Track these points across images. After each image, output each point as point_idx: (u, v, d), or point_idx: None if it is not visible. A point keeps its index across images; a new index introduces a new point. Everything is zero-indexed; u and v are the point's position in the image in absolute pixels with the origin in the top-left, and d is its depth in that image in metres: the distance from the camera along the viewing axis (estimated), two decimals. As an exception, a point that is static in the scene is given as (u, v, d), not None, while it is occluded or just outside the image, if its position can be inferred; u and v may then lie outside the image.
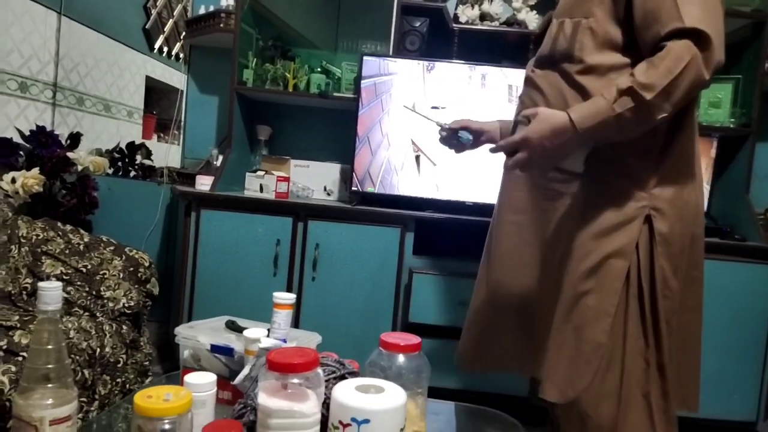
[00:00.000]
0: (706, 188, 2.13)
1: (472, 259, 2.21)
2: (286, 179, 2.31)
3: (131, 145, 2.68)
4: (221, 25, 2.45)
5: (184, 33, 2.70)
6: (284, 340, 1.06)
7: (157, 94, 3.44)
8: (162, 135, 3.41)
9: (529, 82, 1.32)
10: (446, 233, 2.39)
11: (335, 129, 2.61)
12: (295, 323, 2.19)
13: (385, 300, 2.18)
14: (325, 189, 2.58)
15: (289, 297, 1.08)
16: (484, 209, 2.25)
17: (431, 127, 1.60)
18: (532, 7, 2.40)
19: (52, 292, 0.72)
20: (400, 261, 2.18)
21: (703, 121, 2.31)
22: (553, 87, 1.21)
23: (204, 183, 2.29)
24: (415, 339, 1.01)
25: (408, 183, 2.30)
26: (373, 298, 2.19)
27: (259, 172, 2.31)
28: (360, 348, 2.19)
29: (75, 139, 2.33)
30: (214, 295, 2.20)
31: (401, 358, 0.99)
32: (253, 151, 2.64)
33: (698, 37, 1.00)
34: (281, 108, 2.67)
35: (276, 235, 2.19)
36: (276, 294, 1.08)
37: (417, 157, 2.30)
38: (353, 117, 2.30)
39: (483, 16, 2.42)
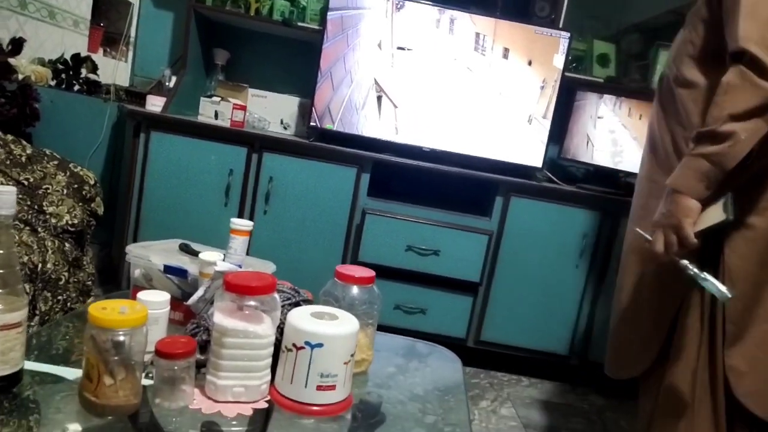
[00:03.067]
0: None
1: (424, 204, 2.26)
2: (243, 108, 2.24)
3: (76, 58, 2.51)
4: (181, -64, 2.29)
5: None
6: (239, 266, 1.06)
7: (105, 4, 3.21)
8: (109, 50, 3.21)
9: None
10: (402, 177, 2.41)
11: (297, 61, 2.54)
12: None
13: (336, 238, 2.20)
14: (281, 122, 2.52)
15: (247, 224, 1.07)
16: (441, 157, 2.28)
17: (396, 67, 1.54)
18: (506, -45, 2.36)
19: (4, 196, 0.69)
20: (354, 201, 2.19)
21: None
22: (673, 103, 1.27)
23: (155, 104, 2.20)
24: (369, 272, 1.04)
25: (368, 123, 2.29)
26: (325, 235, 2.20)
27: (215, 98, 2.23)
28: (310, 283, 2.21)
29: (17, 45, 2.16)
30: (161, 221, 2.15)
31: (355, 289, 1.02)
32: (209, 75, 2.53)
33: (747, 59, 1.04)
34: (242, 32, 2.56)
35: (229, 164, 2.14)
36: (234, 220, 1.07)
37: (379, 98, 2.28)
38: (317, 49, 2.24)
39: (457, -41, 2.36)
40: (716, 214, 1.10)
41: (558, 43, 2.25)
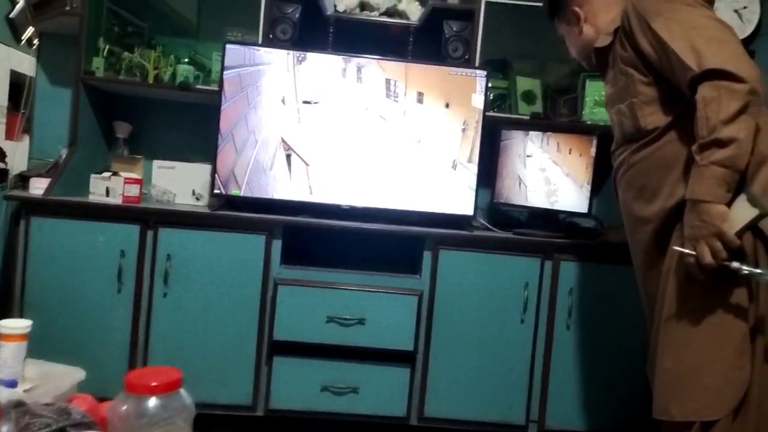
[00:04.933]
0: (587, 188, 2.04)
1: (345, 267, 2.04)
2: (138, 181, 2.04)
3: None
4: (67, 8, 2.16)
5: (30, 16, 2.38)
6: (14, 382, 0.82)
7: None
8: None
9: (624, 163, 1.44)
10: (319, 240, 2.20)
11: (202, 126, 2.36)
12: (145, 346, 1.93)
13: (248, 316, 1.96)
14: (193, 193, 2.32)
15: (20, 325, 0.84)
16: (361, 214, 2.08)
17: (303, 122, 1.37)
18: (412, -3, 2.25)
19: None
20: (266, 272, 1.96)
21: (587, 120, 2.23)
22: (646, 161, 1.36)
23: (38, 187, 1.99)
24: (172, 375, 0.80)
25: (278, 185, 2.09)
26: (235, 314, 1.95)
27: (105, 174, 2.03)
28: (222, 371, 1.96)
29: None
30: (48, 314, 1.89)
31: (153, 402, 0.78)
32: (112, 150, 2.34)
33: (714, 74, 1.16)
34: (143, 102, 2.40)
35: (120, 245, 1.92)
36: (1, 322, 0.84)
37: (288, 156, 2.09)
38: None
39: (362, 6, 2.25)
40: (746, 211, 1.16)
41: (475, 82, 2.10)
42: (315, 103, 2.09)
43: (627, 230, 1.48)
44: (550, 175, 2.12)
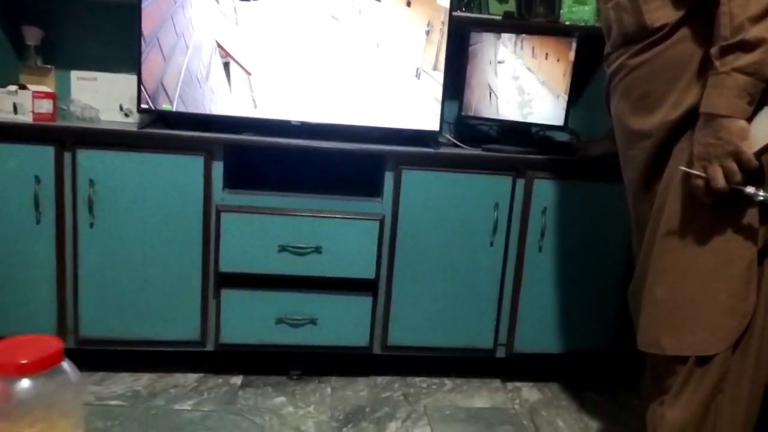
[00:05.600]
0: (564, 98, 1.84)
1: (298, 191, 1.84)
2: (49, 95, 1.75)
3: None
4: None
5: None
6: None
7: None
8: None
9: (622, 69, 1.23)
10: (267, 161, 1.97)
11: (128, 31, 2.03)
12: (74, 281, 1.72)
13: (190, 246, 1.76)
14: (121, 108, 2.03)
15: None
16: (314, 130, 1.85)
17: (242, 23, 1.11)
18: None
19: None
20: (207, 198, 1.74)
21: (566, 20, 2.00)
22: (650, 65, 1.16)
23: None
24: (50, 345, 0.61)
25: (216, 98, 1.83)
26: (176, 244, 1.75)
27: (11, 87, 1.73)
28: (165, 306, 1.78)
29: None
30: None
31: (25, 383, 0.59)
32: (22, 61, 2.01)
33: None
34: (57, 4, 2.04)
35: (33, 169, 1.66)
36: None
37: (226, 65, 1.82)
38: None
39: None
40: None
41: (440, -25, 1.83)
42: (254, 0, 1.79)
43: (620, 146, 1.30)
44: (523, 84, 1.90)
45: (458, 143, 2.00)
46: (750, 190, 1.02)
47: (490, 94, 1.96)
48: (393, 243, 1.83)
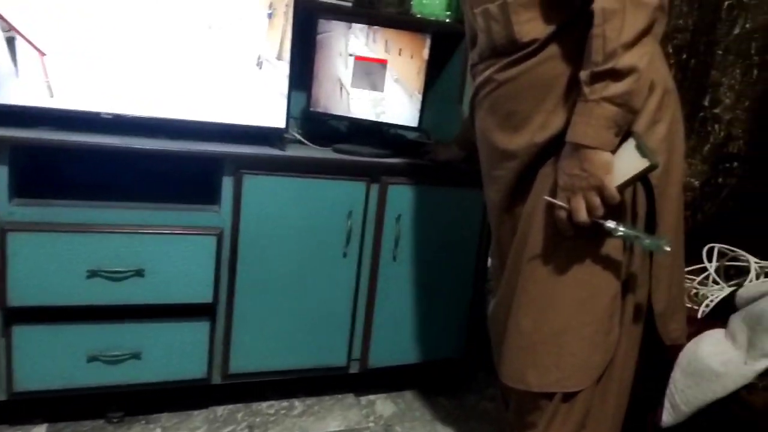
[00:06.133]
0: (418, 97, 1.74)
1: (114, 200, 1.52)
2: None
3: None
4: None
5: None
6: None
7: None
8: None
9: (489, 82, 1.12)
10: (73, 165, 1.61)
11: None
12: None
13: (-37, 276, 1.35)
14: None
15: None
16: (132, 125, 1.53)
17: None
18: None
19: None
20: (-14, 213, 1.35)
21: (416, 12, 1.88)
22: (518, 81, 1.08)
23: None
24: None
25: (-4, 83, 1.42)
26: (-62, 275, 1.34)
27: None
28: None
29: None
30: None
31: None
32: None
33: None
34: None
35: None
36: None
37: (10, 41, 1.41)
38: None
39: None
40: (634, 161, 0.96)
41: (283, -49, 1.59)
42: (46, -41, 1.40)
43: (484, 163, 1.22)
44: (376, 80, 1.76)
45: (306, 141, 1.81)
46: (610, 224, 0.99)
47: (341, 88, 1.79)
48: (233, 259, 1.59)
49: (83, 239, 1.41)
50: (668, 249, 0.98)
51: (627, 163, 0.97)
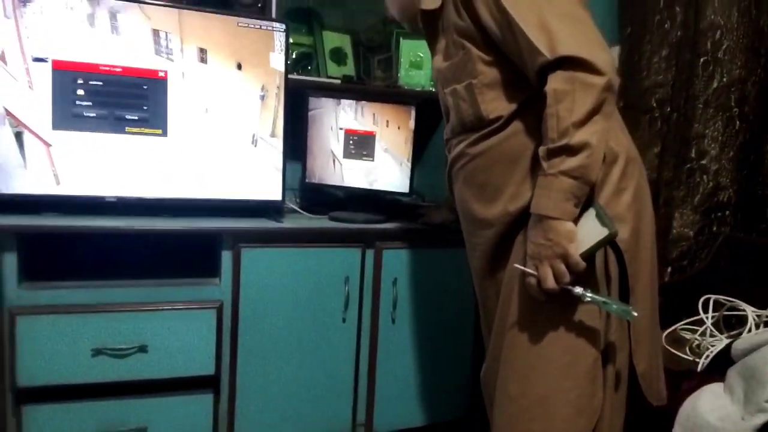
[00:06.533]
0: (407, 165, 1.81)
1: (117, 278, 1.58)
2: None
3: None
4: None
5: None
6: None
7: None
8: None
9: (462, 156, 1.20)
10: (76, 245, 1.69)
11: None
12: None
13: (-27, 361, 1.41)
14: None
15: None
16: (135, 206, 1.61)
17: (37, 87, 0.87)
18: None
19: None
20: (-4, 298, 1.42)
21: (404, 84, 1.98)
22: (487, 155, 1.14)
23: None
24: None
25: (8, 176, 1.51)
26: (-49, 361, 1.39)
27: None
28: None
29: None
30: None
31: None
32: None
33: (568, 62, 0.97)
34: None
35: None
36: None
37: (18, 135, 1.52)
38: None
39: (116, -72, 1.68)
40: (595, 230, 1.01)
41: (272, 38, 1.70)
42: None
43: (465, 231, 1.27)
44: (367, 151, 1.84)
45: (302, 211, 1.87)
46: (578, 290, 1.02)
47: (333, 160, 1.87)
48: (234, 331, 1.63)
49: (88, 319, 1.47)
50: (635, 315, 1.01)
51: (589, 231, 1.01)
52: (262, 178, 1.74)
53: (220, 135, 1.69)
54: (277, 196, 1.77)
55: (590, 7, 1.07)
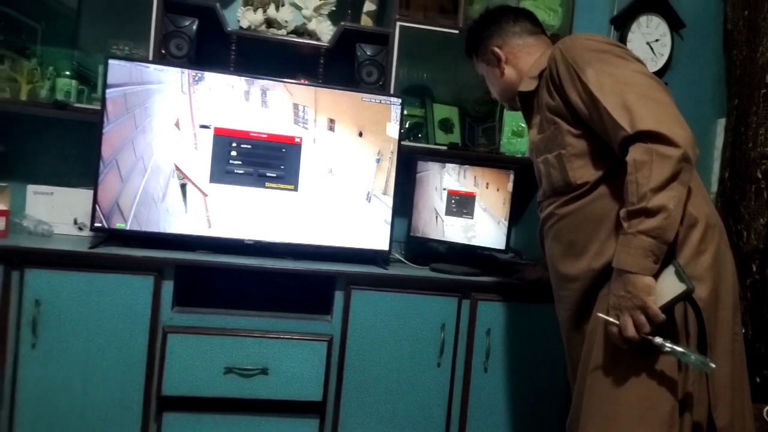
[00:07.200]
0: (504, 224, 1.96)
1: (248, 309, 1.85)
2: (3, 213, 1.76)
3: None
4: None
5: None
6: None
7: None
8: None
9: (552, 216, 1.36)
10: (219, 280, 2.00)
11: (86, 146, 2.09)
12: (11, 407, 1.66)
13: (133, 370, 1.72)
14: (75, 222, 2.05)
15: None
16: (267, 249, 1.90)
17: (201, 148, 1.18)
18: (324, 16, 2.10)
19: None
20: (155, 318, 1.73)
21: (505, 150, 2.17)
22: (575, 216, 1.29)
23: None
24: None
25: (171, 218, 1.87)
26: (118, 367, 1.71)
27: (-37, 205, 1.74)
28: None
29: None
30: None
31: None
32: (-21, 174, 2.03)
33: (646, 136, 1.09)
34: (17, 120, 2.10)
35: (-24, 289, 1.64)
36: None
37: (183, 186, 1.88)
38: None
39: (269, 23, 2.07)
40: (674, 285, 1.11)
41: (390, 110, 1.98)
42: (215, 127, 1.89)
43: (553, 285, 1.40)
44: (467, 210, 2.02)
45: (406, 261, 2.08)
46: (658, 340, 1.11)
47: (436, 217, 2.07)
48: (341, 363, 1.83)
49: (223, 341, 1.74)
50: (713, 366, 1.08)
51: (668, 286, 1.11)
52: (373, 230, 1.98)
53: (340, 191, 1.96)
54: (384, 246, 1.99)
55: (699, 81, 1.21)
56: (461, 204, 2.03)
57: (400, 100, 1.98)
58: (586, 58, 1.23)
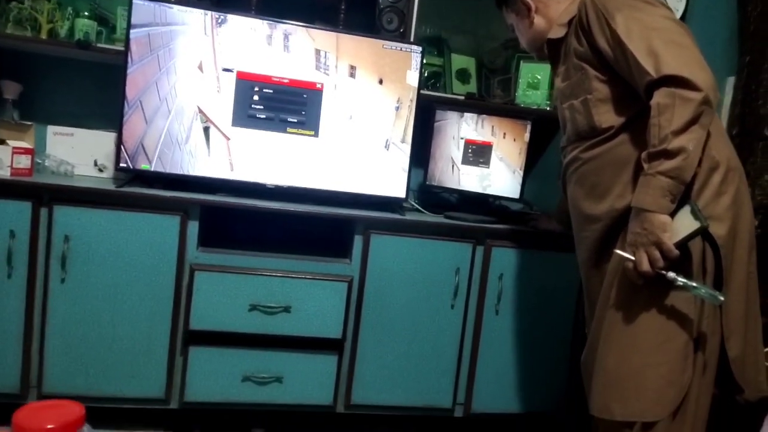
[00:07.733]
0: (520, 174, 2.02)
1: (270, 251, 1.91)
2: (28, 151, 1.78)
3: None
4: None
5: None
6: None
7: None
8: None
9: (576, 160, 1.41)
10: (241, 222, 2.05)
11: (106, 88, 2.10)
12: (41, 337, 1.72)
13: (161, 305, 1.78)
14: (96, 164, 2.08)
15: None
16: (288, 194, 1.95)
17: (223, 91, 1.21)
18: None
19: None
20: (181, 256, 1.79)
21: (520, 102, 2.20)
22: (599, 160, 1.34)
23: None
24: (72, 411, 0.67)
25: (195, 160, 1.90)
26: (145, 302, 1.77)
27: (-11, 142, 1.76)
28: (131, 363, 1.79)
29: None
30: None
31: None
32: (0, 114, 2.04)
33: (670, 80, 1.14)
34: (35, 59, 2.10)
35: (8, 224, 1.67)
36: None
37: (206, 129, 1.91)
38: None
39: (290, -34, 2.06)
40: (688, 223, 1.17)
41: (410, 58, 2.00)
42: (237, 71, 1.90)
43: (574, 227, 1.46)
44: (484, 159, 2.07)
45: (422, 209, 2.13)
46: (671, 275, 1.17)
47: (453, 166, 2.12)
48: (359, 304, 1.91)
49: (248, 279, 1.80)
50: (722, 299, 1.15)
51: (683, 224, 1.17)
52: (390, 178, 2.02)
53: (359, 138, 1.99)
54: (401, 193, 2.04)
55: (712, 39, 1.25)
56: (478, 153, 2.07)
57: (420, 48, 2.00)
58: (615, 3, 1.26)
